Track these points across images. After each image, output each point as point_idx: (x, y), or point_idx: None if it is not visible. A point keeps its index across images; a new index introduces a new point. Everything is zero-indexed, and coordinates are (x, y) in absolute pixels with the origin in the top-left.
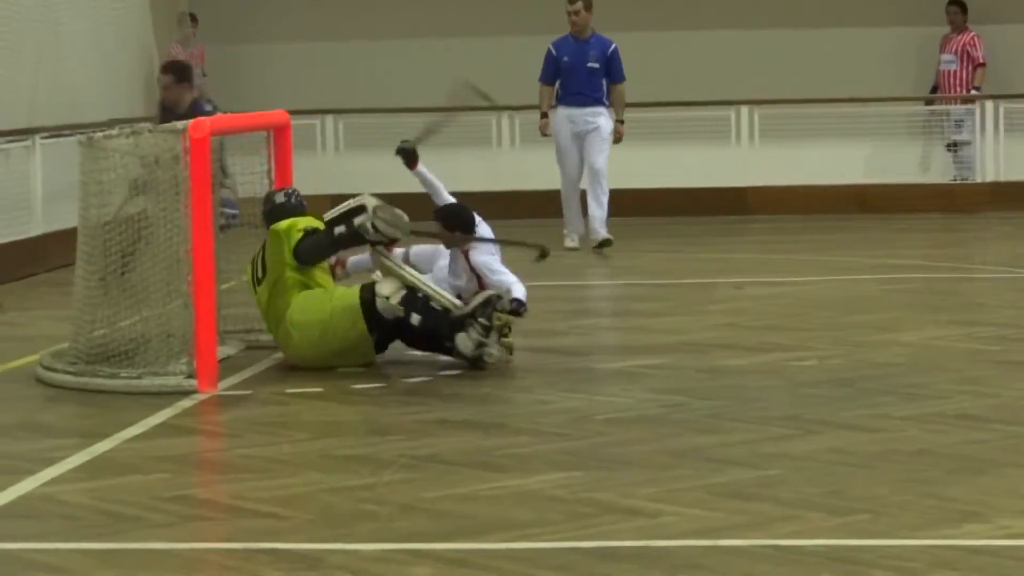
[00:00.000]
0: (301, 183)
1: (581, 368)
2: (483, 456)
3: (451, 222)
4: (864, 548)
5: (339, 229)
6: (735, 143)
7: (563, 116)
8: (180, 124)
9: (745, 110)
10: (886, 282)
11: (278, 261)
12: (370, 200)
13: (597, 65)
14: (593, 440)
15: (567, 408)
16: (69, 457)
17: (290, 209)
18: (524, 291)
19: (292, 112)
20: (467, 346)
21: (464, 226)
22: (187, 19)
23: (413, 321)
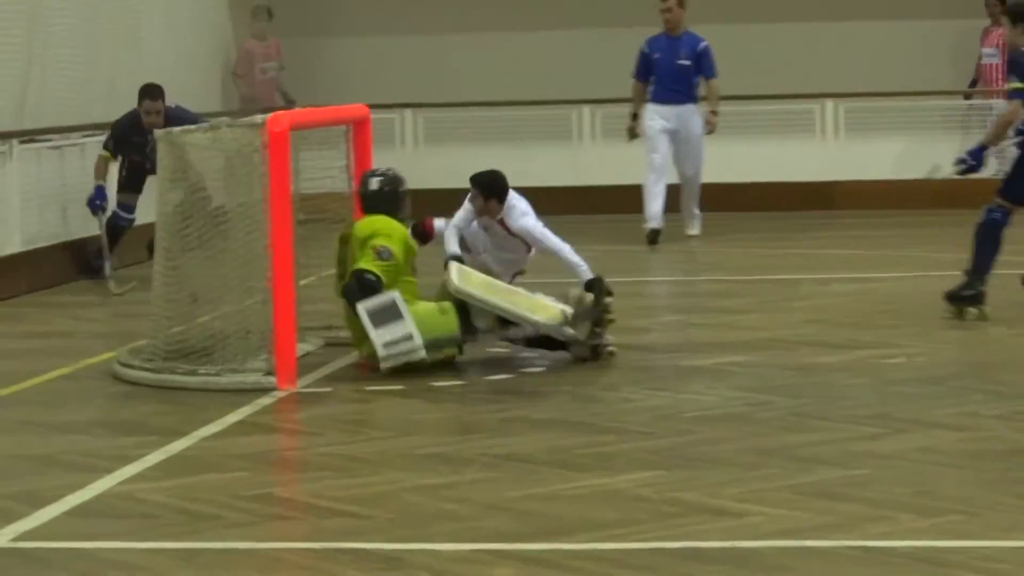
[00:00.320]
0: None
1: (666, 365)
2: (566, 455)
3: (486, 188)
4: (954, 550)
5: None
6: (820, 137)
7: (653, 112)
8: (259, 118)
9: (830, 103)
10: None
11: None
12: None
13: (688, 62)
14: (678, 439)
15: (652, 406)
16: (147, 455)
17: (383, 201)
18: (583, 261)
19: (370, 106)
20: (584, 351)
21: (499, 193)
22: (263, 12)
23: (519, 344)
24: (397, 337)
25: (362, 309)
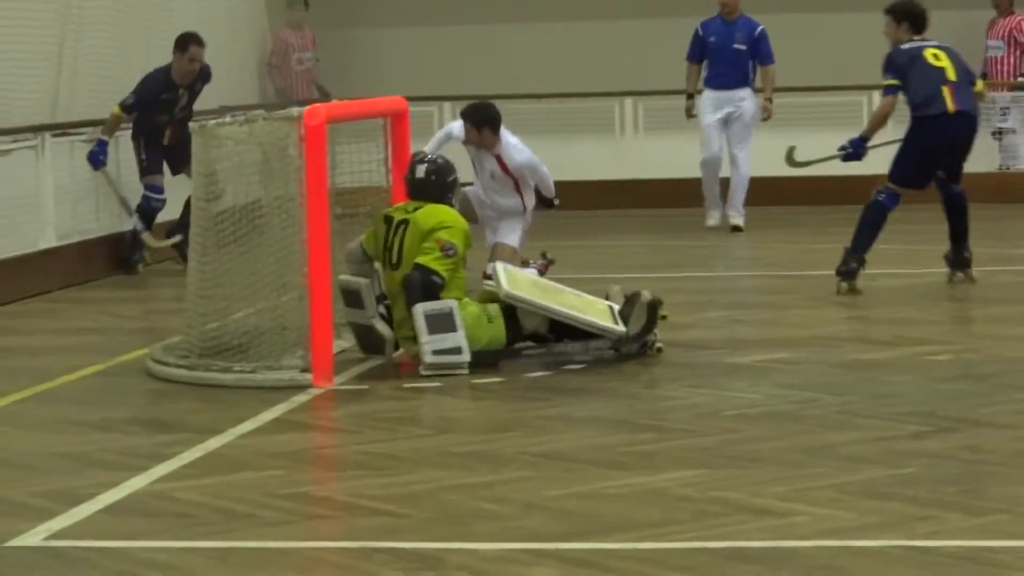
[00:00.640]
0: None
1: (708, 362)
2: (607, 453)
3: (476, 118)
4: (1002, 549)
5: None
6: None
7: (708, 97)
8: (295, 111)
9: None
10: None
11: (414, 260)
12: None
13: (744, 47)
14: (721, 437)
15: (694, 404)
16: (181, 453)
17: (430, 188)
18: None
19: (408, 99)
20: (632, 348)
21: (490, 121)
22: (299, 2)
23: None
24: (447, 347)
25: (420, 312)
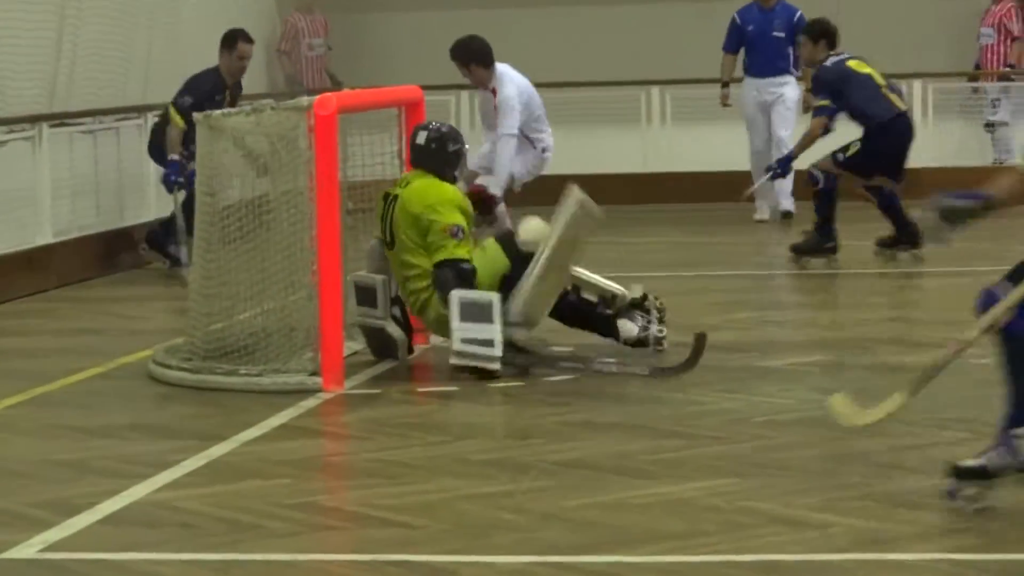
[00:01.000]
0: None
1: (737, 366)
2: (631, 461)
3: (462, 55)
4: None
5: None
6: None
7: (749, 86)
8: (305, 100)
9: (918, 84)
10: None
11: (411, 245)
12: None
13: (783, 34)
14: (751, 444)
15: (722, 409)
16: (185, 460)
17: (429, 158)
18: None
19: (424, 88)
20: (631, 330)
21: (477, 56)
22: None
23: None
24: (478, 338)
25: (456, 297)
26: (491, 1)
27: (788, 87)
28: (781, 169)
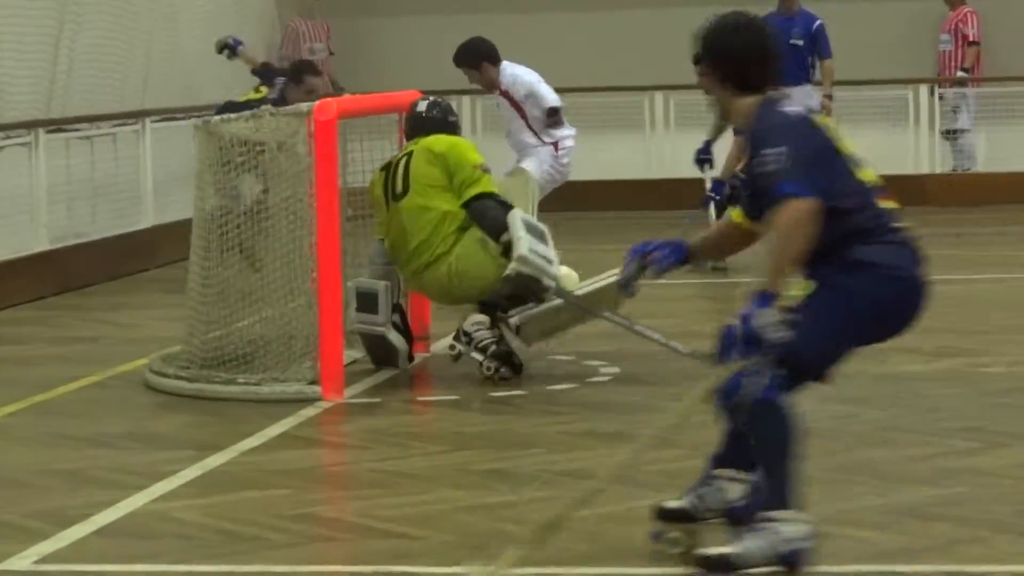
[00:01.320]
0: None
1: None
2: (634, 472)
3: (467, 58)
4: None
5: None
6: (913, 127)
7: None
8: (304, 106)
9: (924, 89)
10: None
11: (432, 185)
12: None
13: (801, 42)
14: None
15: None
16: (182, 471)
17: (435, 124)
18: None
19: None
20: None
21: (485, 55)
22: None
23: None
24: (542, 252)
25: (518, 214)
26: (494, 6)
27: (808, 99)
28: (716, 194)
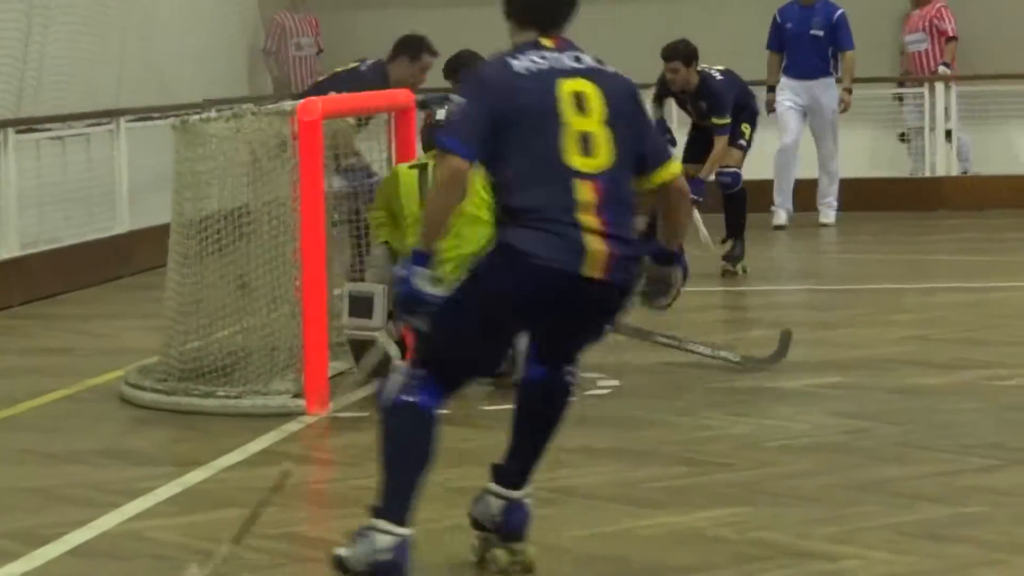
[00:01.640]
0: None
1: (748, 387)
2: (634, 489)
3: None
4: None
5: None
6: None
7: (786, 86)
8: (288, 104)
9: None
10: None
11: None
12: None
13: (821, 33)
14: (763, 471)
15: (732, 434)
16: (159, 488)
17: None
18: None
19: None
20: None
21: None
22: None
23: None
24: None
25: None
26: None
27: (826, 94)
28: (697, 195)
